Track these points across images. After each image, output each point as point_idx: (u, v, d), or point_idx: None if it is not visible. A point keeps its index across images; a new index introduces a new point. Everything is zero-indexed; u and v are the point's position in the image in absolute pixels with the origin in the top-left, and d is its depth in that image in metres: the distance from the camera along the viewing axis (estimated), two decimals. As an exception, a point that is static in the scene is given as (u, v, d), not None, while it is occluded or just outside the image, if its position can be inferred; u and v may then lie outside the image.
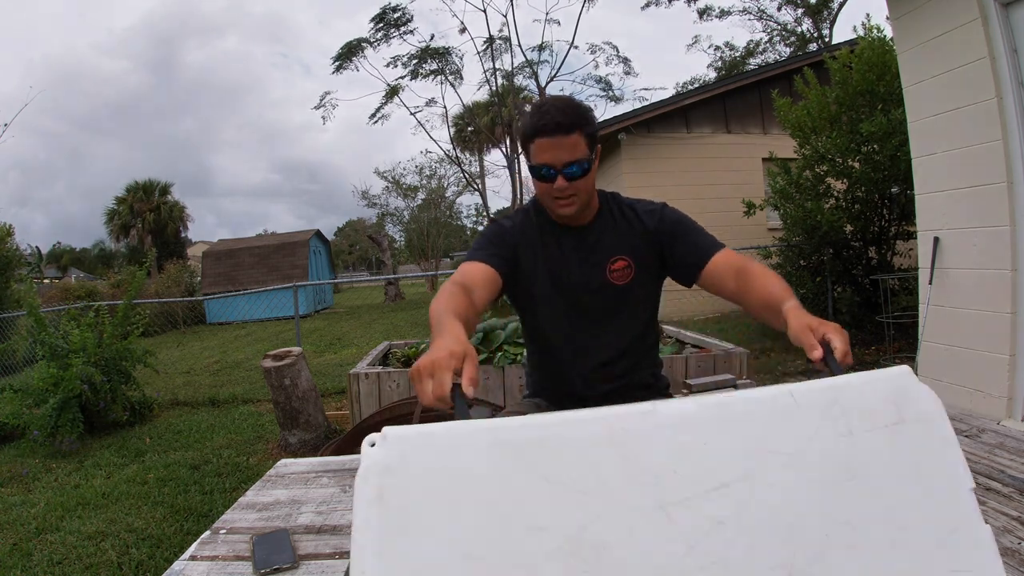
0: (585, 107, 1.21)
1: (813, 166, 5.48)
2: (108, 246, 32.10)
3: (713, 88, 8.89)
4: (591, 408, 0.64)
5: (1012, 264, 2.79)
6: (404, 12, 13.85)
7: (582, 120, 1.17)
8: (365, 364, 3.66)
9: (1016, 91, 2.72)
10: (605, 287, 1.28)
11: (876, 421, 0.64)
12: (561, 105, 1.18)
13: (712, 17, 17.92)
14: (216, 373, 6.94)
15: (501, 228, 1.32)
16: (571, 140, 1.16)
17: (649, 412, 0.63)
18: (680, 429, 0.62)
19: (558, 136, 1.15)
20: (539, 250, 1.30)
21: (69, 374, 4.07)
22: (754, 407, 0.64)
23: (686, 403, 0.64)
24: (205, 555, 1.12)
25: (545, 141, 1.16)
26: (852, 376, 0.68)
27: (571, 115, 1.16)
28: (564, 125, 1.15)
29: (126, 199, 24.63)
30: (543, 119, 1.16)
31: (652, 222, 1.28)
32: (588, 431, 0.61)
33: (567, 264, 1.29)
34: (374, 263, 34.18)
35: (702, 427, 0.62)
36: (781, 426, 0.63)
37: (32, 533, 2.69)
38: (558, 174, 1.18)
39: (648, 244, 1.28)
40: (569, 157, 1.17)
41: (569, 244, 1.30)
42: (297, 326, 6.19)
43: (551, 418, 0.63)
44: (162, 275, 14.75)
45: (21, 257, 11.39)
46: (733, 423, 0.63)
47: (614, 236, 1.29)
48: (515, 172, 15.46)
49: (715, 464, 0.61)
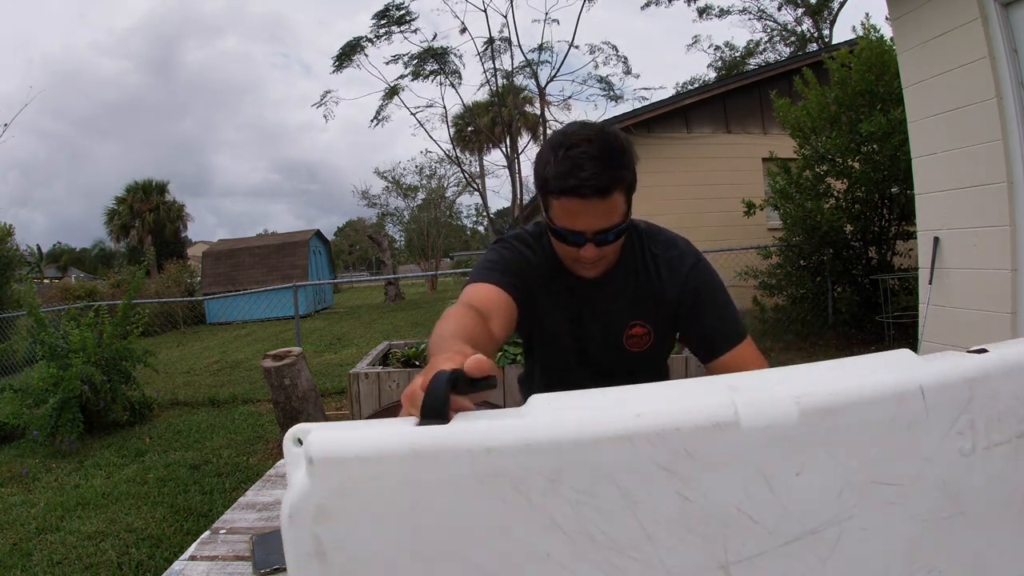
0: (625, 146, 0.95)
1: (813, 166, 5.49)
2: (108, 246, 32.13)
3: (713, 88, 8.89)
4: (632, 412, 0.43)
5: (1012, 264, 2.79)
6: (408, 11, 13.86)
7: (624, 172, 0.93)
8: (365, 364, 3.66)
9: (1016, 91, 2.72)
10: (619, 351, 1.13)
11: (1005, 431, 0.47)
12: (599, 154, 0.90)
13: (712, 16, 17.97)
14: (216, 373, 6.94)
15: (523, 258, 1.08)
16: (609, 203, 0.92)
17: (727, 425, 0.42)
18: (769, 452, 0.43)
19: (593, 200, 0.91)
20: (553, 295, 1.11)
21: (69, 374, 4.07)
22: (873, 414, 0.44)
23: (782, 405, 0.43)
24: (205, 555, 1.12)
25: (575, 204, 0.92)
26: (985, 358, 0.50)
27: (612, 171, 0.91)
28: (602, 188, 0.90)
29: (126, 199, 24.63)
30: (575, 179, 0.90)
31: (674, 289, 1.07)
32: (628, 455, 0.41)
33: (580, 319, 1.13)
34: (374, 263, 34.17)
35: (800, 448, 0.43)
36: (899, 444, 0.45)
37: (32, 533, 2.69)
38: (588, 242, 0.96)
39: (667, 309, 1.10)
40: (605, 224, 0.94)
41: (584, 295, 1.11)
42: (297, 326, 6.19)
43: (575, 429, 0.42)
44: (162, 275, 14.75)
45: (21, 257, 11.39)
46: (841, 441, 0.44)
47: (633, 296, 1.10)
48: (515, 172, 15.46)
49: (805, 503, 0.43)
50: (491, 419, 0.44)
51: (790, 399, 0.43)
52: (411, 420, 0.45)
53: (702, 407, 0.43)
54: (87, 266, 33.75)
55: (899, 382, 0.45)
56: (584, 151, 0.90)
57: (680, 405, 0.43)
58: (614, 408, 0.43)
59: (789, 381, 0.46)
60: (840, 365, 0.49)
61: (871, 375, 0.46)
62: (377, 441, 0.42)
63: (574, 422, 0.42)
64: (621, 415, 0.42)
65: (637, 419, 0.42)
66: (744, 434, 0.42)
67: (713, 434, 0.42)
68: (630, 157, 0.95)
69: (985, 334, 2.93)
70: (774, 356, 5.39)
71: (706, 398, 0.44)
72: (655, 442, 0.41)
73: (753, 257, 6.15)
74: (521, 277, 1.05)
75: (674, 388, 0.47)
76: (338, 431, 0.43)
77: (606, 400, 0.45)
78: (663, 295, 1.08)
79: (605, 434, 0.41)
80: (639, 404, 0.43)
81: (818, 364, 0.50)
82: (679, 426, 0.41)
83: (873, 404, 0.44)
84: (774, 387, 0.45)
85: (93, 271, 29.99)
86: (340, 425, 0.44)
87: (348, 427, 0.44)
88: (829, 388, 0.44)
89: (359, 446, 0.42)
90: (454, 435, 0.42)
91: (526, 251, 1.09)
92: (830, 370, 0.49)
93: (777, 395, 0.44)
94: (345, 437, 0.43)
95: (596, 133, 0.94)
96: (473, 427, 0.43)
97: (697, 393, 0.45)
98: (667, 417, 0.42)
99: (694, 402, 0.43)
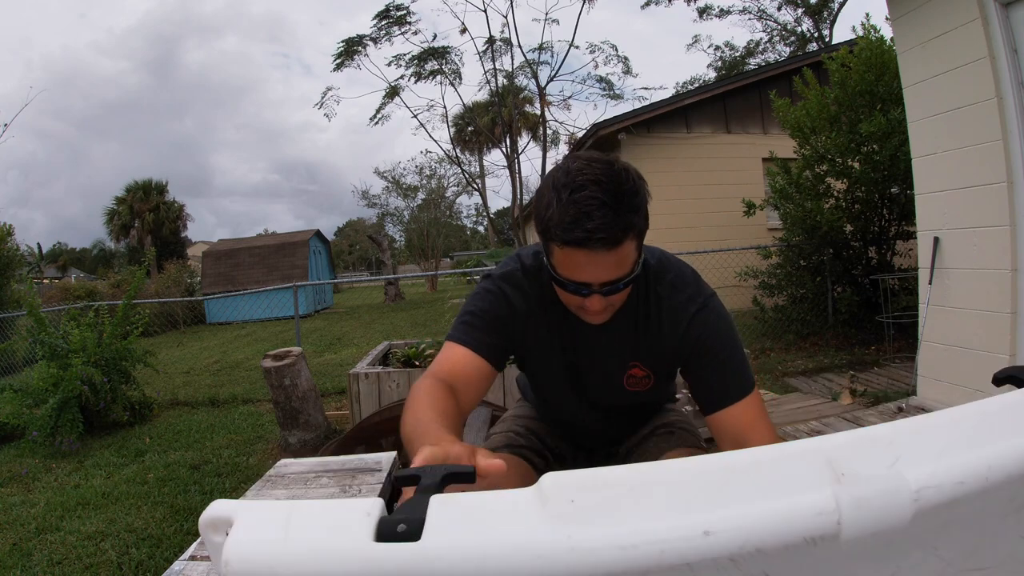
0: (636, 185, 0.84)
1: (813, 166, 5.49)
2: (108, 246, 32.13)
3: (713, 88, 8.89)
4: (698, 527, 0.31)
5: (1012, 264, 2.79)
6: (408, 11, 13.85)
7: (635, 218, 0.83)
8: (365, 364, 3.66)
9: (1016, 91, 2.72)
10: (618, 391, 1.09)
11: None
12: (608, 200, 0.80)
13: (712, 16, 17.96)
14: (216, 373, 6.94)
15: (506, 307, 1.02)
16: (620, 254, 0.84)
17: (825, 539, 0.32)
18: (865, 563, 0.34)
19: (602, 252, 0.82)
20: (548, 327, 1.05)
21: (69, 374, 4.07)
22: (993, 501, 0.35)
23: (898, 504, 0.33)
24: (205, 555, 1.11)
25: (581, 256, 0.83)
26: None
27: (624, 218, 0.81)
28: (613, 239, 0.81)
29: (126, 199, 24.62)
30: (582, 230, 0.80)
31: (672, 339, 0.99)
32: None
33: (577, 356, 1.07)
34: (374, 263, 34.17)
35: (901, 552, 0.34)
36: (1005, 528, 0.37)
37: (32, 533, 2.69)
38: (594, 293, 0.88)
39: (667, 358, 1.04)
40: (614, 275, 0.86)
41: (584, 331, 1.03)
42: (297, 326, 6.19)
43: (617, 557, 0.30)
44: (162, 275, 14.75)
45: (21, 258, 11.39)
46: (949, 536, 0.35)
47: (632, 339, 1.03)
48: (515, 172, 15.47)
49: None
50: (485, 529, 0.32)
51: (908, 497, 0.33)
52: (372, 514, 0.34)
53: (796, 514, 0.32)
54: (87, 266, 33.76)
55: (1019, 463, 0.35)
56: (592, 196, 0.80)
57: (765, 509, 0.32)
58: (674, 517, 0.31)
59: (905, 457, 0.35)
60: (963, 421, 0.39)
61: (1000, 441, 0.36)
62: (319, 565, 0.30)
63: (613, 543, 0.30)
64: (684, 531, 0.31)
65: (705, 539, 0.30)
66: (842, 546, 0.32)
67: (803, 551, 0.31)
68: (642, 198, 0.85)
69: (985, 334, 2.93)
70: (774, 356, 5.39)
71: (800, 496, 0.32)
72: (726, 567, 0.31)
73: (753, 257, 6.15)
74: (500, 333, 1.00)
75: (755, 470, 0.34)
76: (266, 530, 0.32)
77: (660, 498, 0.32)
78: (662, 344, 1.01)
79: (659, 564, 0.30)
80: (709, 509, 0.31)
81: (936, 418, 0.39)
82: (762, 546, 0.31)
83: (998, 489, 0.35)
84: (888, 471, 0.34)
85: (93, 271, 29.97)
86: (269, 514, 0.33)
87: (280, 523, 0.32)
88: (955, 475, 0.34)
89: (296, 572, 0.30)
90: (430, 561, 0.30)
91: (514, 294, 1.02)
92: (950, 429, 0.38)
93: (893, 489, 0.33)
94: (273, 555, 0.31)
95: (605, 172, 0.82)
96: (459, 546, 0.31)
97: (789, 483, 0.33)
98: (747, 534, 0.31)
99: (786, 505, 0.32)
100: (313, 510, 0.34)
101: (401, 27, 13.98)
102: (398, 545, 0.31)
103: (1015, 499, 0.36)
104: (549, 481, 0.34)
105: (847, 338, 5.58)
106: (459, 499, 0.34)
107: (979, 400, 0.42)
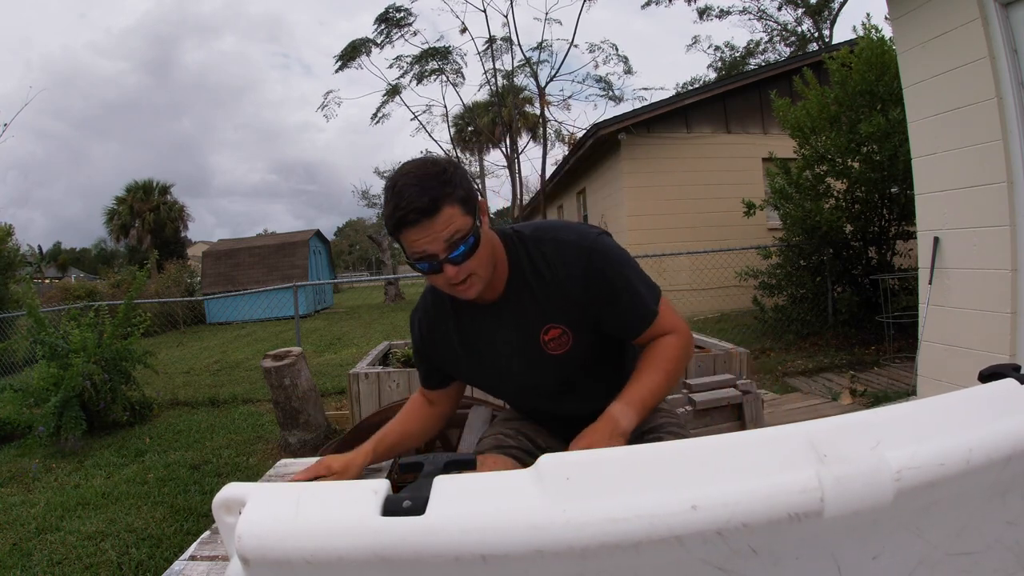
0: (444, 166, 0.98)
1: (813, 166, 5.49)
2: (108, 246, 32.15)
3: (713, 88, 8.89)
4: (687, 502, 0.31)
5: (1012, 264, 2.79)
6: (408, 12, 13.86)
7: (445, 187, 0.94)
8: (365, 364, 3.66)
9: (1016, 91, 2.72)
10: (544, 362, 1.10)
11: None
12: (415, 179, 0.94)
13: (712, 17, 17.96)
14: (216, 373, 6.94)
15: (419, 337, 1.20)
16: (442, 219, 0.94)
17: (808, 515, 0.32)
18: (849, 540, 0.35)
19: (423, 222, 0.93)
20: (462, 344, 1.14)
21: (71, 372, 4.07)
22: (975, 483, 0.36)
23: (879, 484, 0.34)
24: (205, 555, 1.12)
25: (410, 232, 0.95)
26: None
27: (430, 189, 0.93)
28: (426, 207, 0.93)
29: (126, 199, 24.61)
30: (399, 209, 0.93)
31: (576, 287, 1.05)
32: (676, 557, 0.32)
33: (494, 348, 1.12)
34: (374, 263, 34.17)
35: (885, 531, 0.35)
36: (988, 511, 0.38)
37: (32, 533, 2.69)
38: (442, 263, 0.97)
39: (577, 306, 1.07)
40: (444, 238, 0.95)
41: (488, 325, 1.11)
42: (297, 326, 6.19)
43: (609, 531, 0.31)
44: (162, 275, 14.75)
45: (21, 258, 11.39)
46: (932, 518, 0.37)
47: (536, 303, 1.08)
48: (515, 172, 15.47)
49: None
50: (485, 504, 0.33)
51: (889, 476, 0.34)
52: (378, 492, 0.35)
53: (780, 491, 0.32)
54: (87, 266, 33.78)
55: (1012, 440, 0.36)
56: (404, 183, 0.94)
57: (750, 486, 0.32)
58: (664, 492, 0.32)
59: (887, 440, 0.36)
60: (944, 409, 0.40)
61: (981, 427, 0.37)
62: (329, 539, 0.31)
63: (606, 516, 0.31)
64: (673, 506, 0.31)
65: (693, 513, 0.31)
66: (825, 523, 0.33)
67: (788, 526, 0.32)
68: (453, 173, 0.97)
69: (985, 334, 2.93)
70: (774, 356, 5.40)
71: (784, 474, 0.33)
72: (713, 541, 0.31)
73: (753, 257, 6.15)
74: (427, 363, 1.22)
75: (742, 452, 0.36)
76: (278, 508, 0.33)
77: (651, 476, 0.34)
78: (566, 291, 1.06)
79: (649, 536, 0.31)
80: (697, 486, 0.32)
81: (918, 406, 0.40)
82: (748, 521, 0.32)
83: (980, 472, 0.35)
84: (870, 453, 0.35)
85: (93, 271, 30.00)
86: (281, 494, 0.35)
87: (290, 501, 0.34)
88: (936, 457, 0.35)
89: (306, 545, 0.32)
90: (434, 533, 0.32)
91: (422, 320, 1.19)
92: (931, 416, 0.39)
93: (874, 469, 0.34)
94: (285, 531, 0.32)
95: (413, 165, 0.98)
96: (461, 519, 0.32)
97: (773, 463, 0.34)
98: (733, 509, 0.32)
99: (770, 483, 0.33)
100: (322, 490, 0.36)
101: (401, 29, 14.00)
102: (404, 519, 0.33)
103: (999, 483, 0.37)
104: (546, 461, 0.36)
105: (847, 338, 5.58)
106: (461, 479, 0.37)
107: (961, 390, 0.43)
